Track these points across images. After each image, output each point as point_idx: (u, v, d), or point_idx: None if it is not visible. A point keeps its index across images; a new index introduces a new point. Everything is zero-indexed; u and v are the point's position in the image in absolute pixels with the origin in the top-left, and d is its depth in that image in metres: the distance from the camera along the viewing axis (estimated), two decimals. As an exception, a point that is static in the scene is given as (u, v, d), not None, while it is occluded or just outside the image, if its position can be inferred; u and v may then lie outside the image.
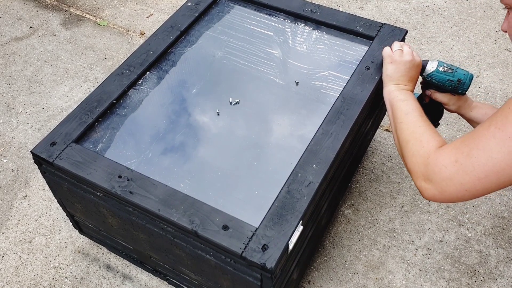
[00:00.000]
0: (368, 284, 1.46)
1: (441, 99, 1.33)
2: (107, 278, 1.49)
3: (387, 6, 2.37)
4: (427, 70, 1.29)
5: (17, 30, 2.30)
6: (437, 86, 1.31)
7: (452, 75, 1.27)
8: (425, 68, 1.30)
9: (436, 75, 1.28)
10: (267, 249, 1.01)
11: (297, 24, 1.54)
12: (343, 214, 1.62)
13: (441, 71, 1.28)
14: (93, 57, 2.17)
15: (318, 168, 1.14)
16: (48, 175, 1.26)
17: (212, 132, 1.30)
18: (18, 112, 1.95)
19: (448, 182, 0.91)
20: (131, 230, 1.23)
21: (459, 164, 0.89)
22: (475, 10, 2.34)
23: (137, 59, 1.42)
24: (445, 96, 1.32)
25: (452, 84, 1.28)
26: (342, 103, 1.28)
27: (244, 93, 1.39)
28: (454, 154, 0.91)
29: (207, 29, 1.55)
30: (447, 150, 0.94)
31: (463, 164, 0.89)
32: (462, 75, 1.27)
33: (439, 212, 1.62)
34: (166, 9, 2.40)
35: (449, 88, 1.29)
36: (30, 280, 1.49)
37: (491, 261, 1.51)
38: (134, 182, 1.13)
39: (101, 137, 1.27)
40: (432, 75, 1.29)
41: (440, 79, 1.29)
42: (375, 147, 1.80)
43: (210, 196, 1.14)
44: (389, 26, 1.48)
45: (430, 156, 0.96)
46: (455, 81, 1.27)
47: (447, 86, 1.29)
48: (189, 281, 1.32)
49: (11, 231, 1.60)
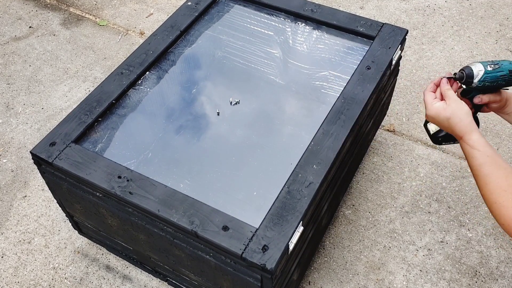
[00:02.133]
0: (368, 284, 1.46)
1: (494, 99, 1.21)
2: (106, 278, 1.48)
3: (388, 6, 2.37)
4: (478, 76, 1.16)
5: (17, 30, 2.29)
6: (489, 88, 1.20)
7: (502, 69, 1.17)
8: (473, 75, 1.17)
9: (489, 76, 1.17)
10: (267, 250, 1.00)
11: (297, 23, 1.54)
12: (343, 215, 1.62)
13: (491, 70, 1.17)
14: (92, 57, 2.16)
15: (319, 169, 1.14)
16: (48, 175, 1.25)
17: (212, 132, 1.30)
18: (17, 112, 1.95)
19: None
20: (130, 230, 1.22)
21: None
22: (476, 10, 2.33)
23: (137, 59, 1.41)
24: (494, 94, 1.21)
25: (505, 78, 1.17)
26: (343, 103, 1.28)
27: (244, 93, 1.38)
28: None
29: (207, 29, 1.55)
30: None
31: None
32: (509, 64, 1.18)
33: (440, 213, 1.61)
34: (166, 8, 2.40)
35: (503, 84, 1.19)
36: (29, 281, 1.48)
37: (492, 261, 1.50)
38: (133, 183, 1.13)
39: (101, 137, 1.26)
40: (484, 79, 1.17)
41: (494, 79, 1.17)
42: (375, 147, 1.80)
43: (210, 197, 1.14)
44: (390, 25, 1.47)
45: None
46: (507, 74, 1.17)
47: (501, 83, 1.18)
48: (189, 282, 1.31)
49: (11, 231, 1.60)
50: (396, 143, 1.81)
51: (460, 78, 1.19)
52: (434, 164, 1.74)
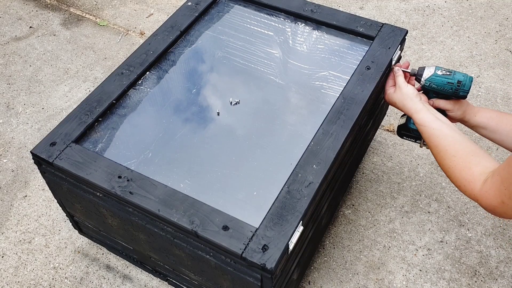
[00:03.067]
0: (368, 284, 1.46)
1: (444, 106, 1.30)
2: (106, 278, 1.49)
3: (388, 6, 2.37)
4: (426, 75, 1.28)
5: (17, 30, 2.29)
6: (437, 91, 1.29)
7: (452, 78, 1.26)
8: (423, 74, 1.28)
9: (436, 79, 1.27)
10: (267, 250, 1.00)
11: (297, 24, 1.54)
12: (343, 215, 1.62)
13: (440, 74, 1.27)
14: (93, 57, 2.17)
15: (319, 168, 1.14)
16: (48, 175, 1.25)
17: (212, 132, 1.30)
18: (18, 112, 1.95)
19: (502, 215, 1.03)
20: (131, 230, 1.23)
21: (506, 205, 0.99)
22: (475, 10, 2.34)
23: (137, 59, 1.41)
24: (449, 102, 1.30)
25: (453, 87, 1.26)
26: (343, 103, 1.28)
27: (244, 93, 1.38)
28: (499, 196, 1.00)
29: (207, 29, 1.55)
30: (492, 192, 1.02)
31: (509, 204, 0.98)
32: (462, 77, 1.26)
33: (439, 213, 1.62)
34: (166, 9, 2.40)
35: (450, 92, 1.27)
36: (29, 281, 1.49)
37: (492, 261, 1.50)
38: (134, 182, 1.13)
39: (101, 137, 1.26)
40: (431, 80, 1.27)
41: (440, 83, 1.27)
42: (375, 147, 1.80)
43: (210, 196, 1.14)
44: (390, 26, 1.47)
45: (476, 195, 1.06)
46: (455, 83, 1.26)
47: (448, 90, 1.27)
48: (189, 282, 1.32)
49: (11, 231, 1.60)
50: (396, 143, 1.81)
51: (412, 73, 1.33)
52: (434, 164, 1.74)
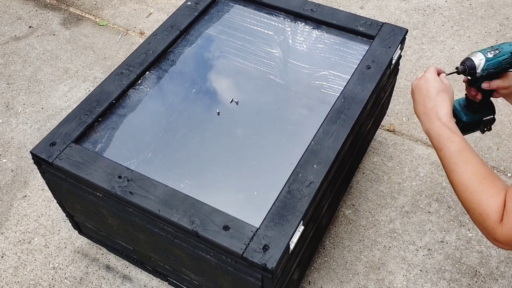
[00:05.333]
0: (368, 284, 1.46)
1: (501, 84, 1.17)
2: (106, 278, 1.48)
3: (388, 6, 2.37)
4: (479, 66, 1.14)
5: (17, 30, 2.29)
6: (494, 74, 1.16)
7: (503, 53, 1.14)
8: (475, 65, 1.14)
9: (491, 63, 1.14)
10: (268, 250, 1.00)
11: (297, 23, 1.54)
12: (343, 215, 1.62)
13: (491, 57, 1.14)
14: (92, 56, 2.16)
15: (319, 168, 1.14)
16: (48, 175, 1.25)
17: (212, 131, 1.30)
18: (17, 112, 1.95)
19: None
20: (131, 230, 1.22)
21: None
22: (476, 10, 2.34)
23: (137, 59, 1.41)
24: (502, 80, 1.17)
25: (509, 61, 1.15)
26: (343, 102, 1.28)
27: (244, 93, 1.38)
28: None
29: (206, 29, 1.54)
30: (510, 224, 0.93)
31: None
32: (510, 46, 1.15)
33: (440, 213, 1.61)
34: (166, 8, 2.39)
35: (508, 67, 1.16)
36: (29, 281, 1.48)
37: (492, 261, 1.50)
38: (134, 183, 1.13)
39: (101, 137, 1.26)
40: (487, 67, 1.14)
41: (497, 65, 1.14)
42: (375, 147, 1.80)
43: (210, 196, 1.14)
44: (390, 25, 1.47)
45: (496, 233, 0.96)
46: (509, 56, 1.14)
47: (506, 66, 1.15)
48: (189, 282, 1.31)
49: (11, 231, 1.60)
50: (396, 143, 1.81)
51: (463, 72, 1.16)
52: (434, 164, 1.74)
